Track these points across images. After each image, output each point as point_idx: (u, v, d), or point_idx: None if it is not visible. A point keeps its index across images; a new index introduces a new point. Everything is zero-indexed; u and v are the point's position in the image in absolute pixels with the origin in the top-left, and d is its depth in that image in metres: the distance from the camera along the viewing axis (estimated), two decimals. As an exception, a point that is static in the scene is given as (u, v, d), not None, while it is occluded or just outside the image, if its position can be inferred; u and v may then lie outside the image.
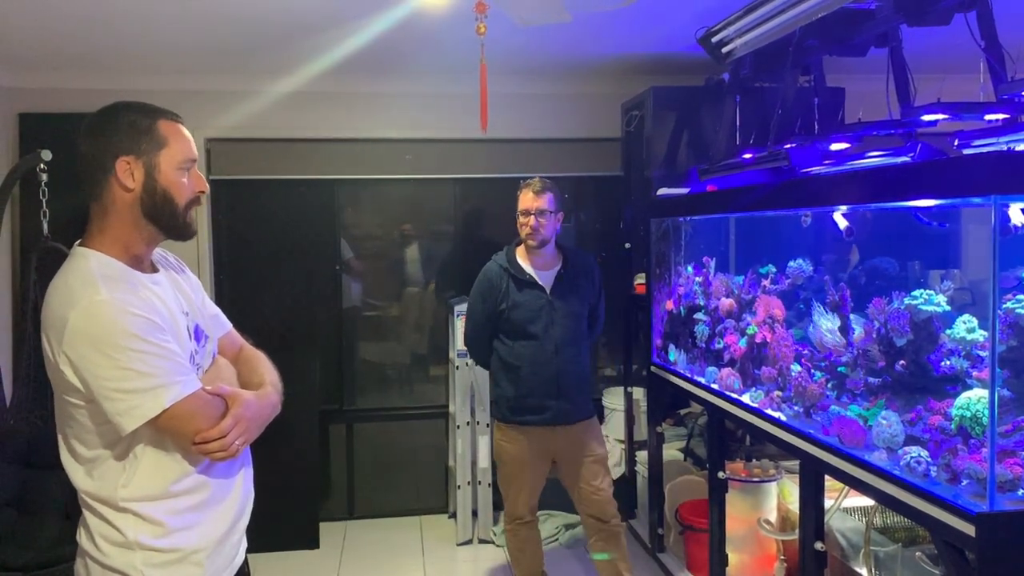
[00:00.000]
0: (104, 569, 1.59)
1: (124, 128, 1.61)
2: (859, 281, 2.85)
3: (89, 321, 1.50)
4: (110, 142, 1.60)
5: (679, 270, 3.94)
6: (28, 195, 4.05)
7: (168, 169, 1.63)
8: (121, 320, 1.51)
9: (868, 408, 2.47)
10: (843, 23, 2.86)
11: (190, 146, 1.68)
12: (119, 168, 1.59)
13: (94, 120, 1.63)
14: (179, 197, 1.65)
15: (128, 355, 1.50)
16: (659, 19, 3.41)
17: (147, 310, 1.56)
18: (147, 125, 1.62)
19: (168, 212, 1.64)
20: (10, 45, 3.69)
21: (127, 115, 1.63)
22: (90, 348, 1.50)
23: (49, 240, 3.55)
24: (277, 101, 4.47)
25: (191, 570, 1.63)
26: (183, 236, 1.70)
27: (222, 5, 3.11)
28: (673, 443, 4.32)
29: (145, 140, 1.61)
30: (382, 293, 5.09)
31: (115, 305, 1.51)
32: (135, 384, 1.51)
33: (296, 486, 4.40)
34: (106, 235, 1.63)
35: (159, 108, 1.67)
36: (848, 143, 2.74)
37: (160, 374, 1.53)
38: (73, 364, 1.51)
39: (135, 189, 1.61)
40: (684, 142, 4.15)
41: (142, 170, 1.61)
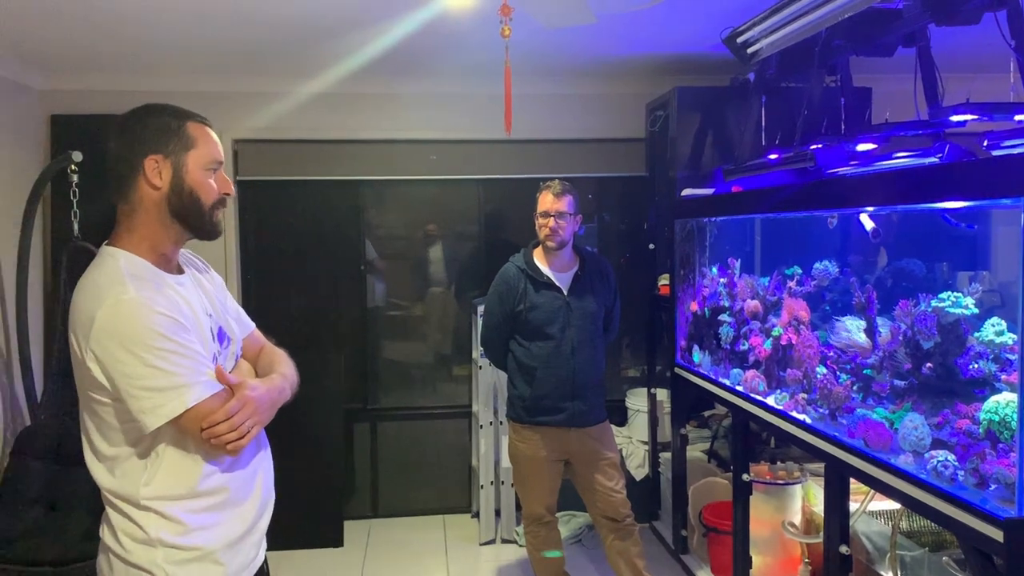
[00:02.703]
0: (127, 566, 1.62)
1: (153, 128, 1.63)
2: (885, 283, 2.82)
3: (116, 319, 1.52)
4: (139, 141, 1.62)
5: (704, 271, 3.92)
6: (59, 196, 4.12)
7: (195, 169, 1.66)
8: (147, 319, 1.53)
9: (894, 411, 2.45)
10: (870, 23, 2.83)
11: (217, 148, 1.71)
12: (147, 167, 1.62)
13: (124, 120, 1.65)
14: (205, 197, 1.67)
15: (154, 353, 1.52)
16: (684, 19, 3.40)
17: (173, 309, 1.58)
18: (176, 126, 1.65)
19: (195, 211, 1.67)
20: (42, 48, 3.75)
21: (157, 116, 1.65)
22: (117, 346, 1.52)
23: (79, 240, 3.62)
24: (303, 103, 4.51)
25: (212, 568, 1.65)
26: (209, 236, 1.73)
27: (250, 8, 3.14)
28: (697, 445, 4.31)
29: (174, 140, 1.64)
30: (406, 293, 5.12)
31: (142, 304, 1.54)
32: (160, 382, 1.53)
33: (321, 484, 4.43)
34: (134, 235, 1.65)
35: (188, 111, 1.70)
36: (875, 144, 2.72)
37: (184, 373, 1.55)
38: (100, 361, 1.53)
39: (163, 188, 1.64)
40: (709, 142, 4.13)
41: (170, 169, 1.63)
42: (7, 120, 3.97)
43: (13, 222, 3.83)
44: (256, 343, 1.97)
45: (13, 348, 3.87)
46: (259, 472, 1.80)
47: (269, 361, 1.91)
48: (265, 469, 1.84)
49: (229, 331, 1.83)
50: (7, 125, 3.97)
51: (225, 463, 1.68)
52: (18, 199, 3.83)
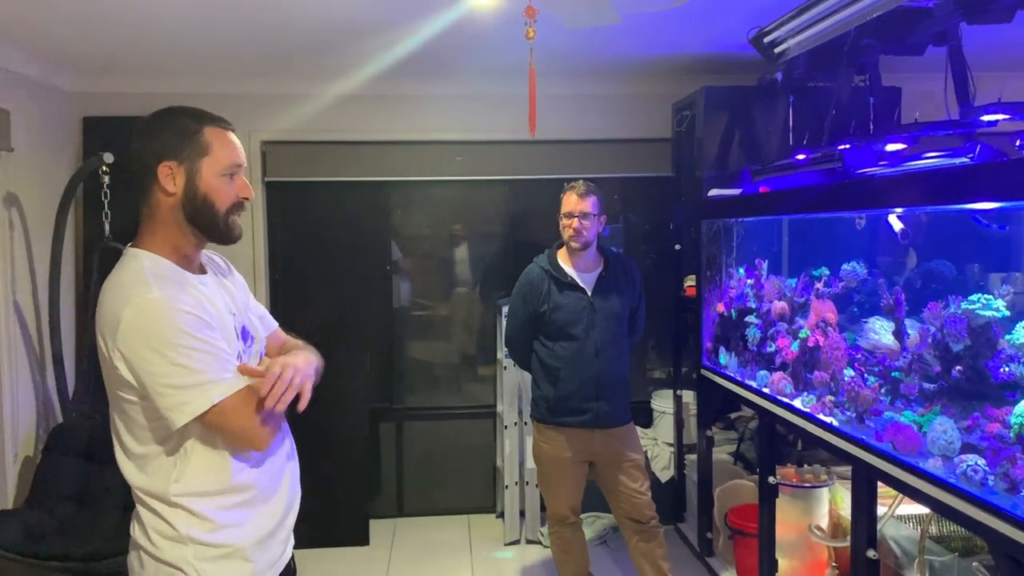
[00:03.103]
0: (157, 562, 1.64)
1: (169, 133, 1.65)
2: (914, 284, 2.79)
3: (141, 318, 1.54)
4: (154, 146, 1.64)
5: (730, 272, 3.90)
6: (91, 197, 4.18)
7: (209, 175, 1.66)
8: (172, 317, 1.55)
9: (923, 414, 2.42)
10: (900, 22, 2.80)
11: (235, 152, 1.70)
12: (161, 173, 1.64)
13: (143, 124, 1.67)
14: (219, 203, 1.68)
15: (179, 351, 1.54)
16: (710, 19, 3.38)
17: (197, 308, 1.60)
18: (193, 131, 1.65)
19: (209, 217, 1.67)
20: (75, 51, 3.81)
21: (174, 120, 1.67)
22: (142, 345, 1.54)
23: (110, 240, 3.68)
24: (330, 105, 4.54)
25: (240, 565, 1.67)
26: (225, 240, 1.73)
27: (278, 11, 3.16)
28: (723, 447, 4.28)
29: (188, 146, 1.64)
30: (431, 293, 5.14)
31: (166, 303, 1.56)
32: (185, 380, 1.55)
33: (346, 483, 4.46)
34: (155, 236, 1.68)
35: (208, 115, 1.70)
36: (904, 144, 2.68)
37: (209, 370, 1.57)
38: (127, 360, 1.56)
39: (176, 193, 1.65)
40: (736, 142, 4.10)
41: (184, 176, 1.65)
42: (41, 122, 4.04)
43: (46, 223, 3.89)
44: (278, 339, 2.00)
45: (46, 347, 3.94)
46: (286, 470, 1.82)
47: (292, 349, 1.93)
48: (291, 467, 1.86)
49: (253, 330, 1.85)
50: (41, 127, 4.04)
51: (252, 459, 1.70)
52: (51, 200, 3.89)
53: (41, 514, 3.43)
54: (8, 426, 3.66)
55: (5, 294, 3.66)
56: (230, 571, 1.66)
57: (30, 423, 3.88)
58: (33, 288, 3.94)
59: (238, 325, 1.77)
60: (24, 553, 3.17)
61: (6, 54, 3.63)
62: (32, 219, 3.90)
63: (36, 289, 3.96)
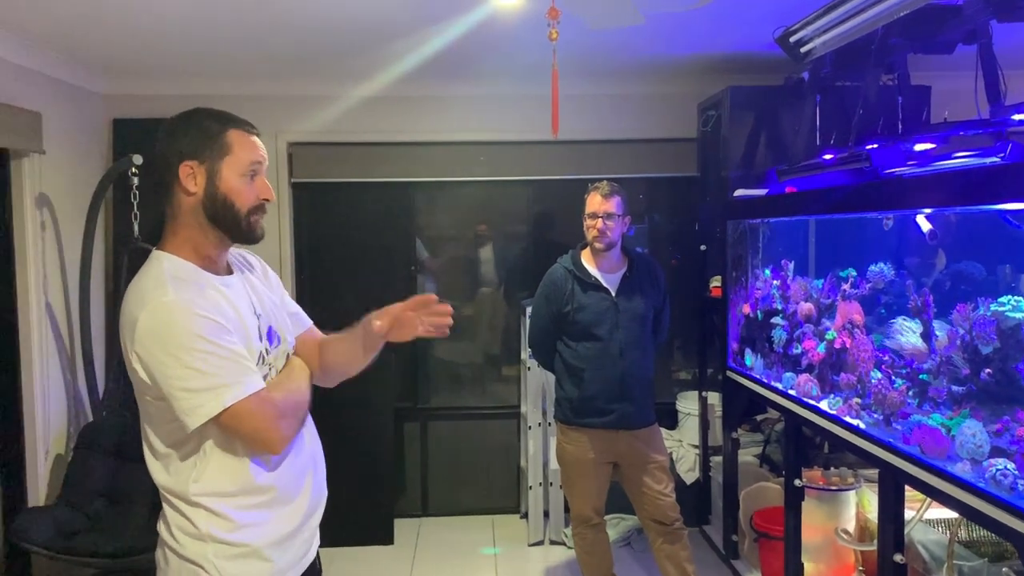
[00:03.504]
0: (180, 559, 1.66)
1: (191, 133, 1.66)
2: (943, 286, 2.76)
3: (157, 321, 1.56)
4: (177, 146, 1.66)
5: (756, 273, 3.87)
6: (120, 198, 4.24)
7: (230, 176, 1.67)
8: (187, 321, 1.56)
9: (951, 417, 2.39)
10: (928, 20, 2.77)
11: (256, 153, 1.71)
12: (182, 172, 1.65)
13: (167, 124, 1.69)
14: (240, 203, 1.69)
15: (192, 355, 1.55)
16: (735, 19, 3.36)
17: (213, 311, 1.60)
18: (215, 132, 1.67)
19: (230, 217, 1.68)
20: (105, 54, 3.87)
21: (197, 121, 1.68)
22: (158, 347, 1.56)
23: (139, 240, 3.73)
24: (356, 106, 4.57)
25: (260, 564, 1.68)
26: (247, 240, 1.74)
27: (305, 15, 3.19)
28: (748, 449, 4.25)
29: (210, 146, 1.66)
30: (456, 293, 5.15)
31: (181, 306, 1.57)
32: (198, 383, 1.56)
33: (371, 483, 4.49)
34: (177, 238, 1.69)
35: (232, 117, 1.71)
36: (933, 143, 2.65)
37: (222, 374, 1.57)
38: (143, 362, 1.58)
39: (197, 193, 1.66)
40: (762, 142, 4.08)
41: (204, 175, 1.66)
42: (72, 125, 4.10)
43: (77, 224, 3.95)
44: (313, 337, 2.01)
45: (76, 346, 4.00)
46: (308, 471, 1.82)
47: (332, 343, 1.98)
48: (315, 468, 1.86)
49: (280, 330, 1.85)
50: (72, 130, 4.10)
51: (272, 462, 1.71)
52: (82, 201, 3.95)
53: (72, 511, 3.48)
54: (40, 424, 3.72)
55: (37, 294, 3.72)
56: (249, 570, 1.67)
57: (61, 421, 3.94)
58: (64, 288, 4.00)
59: (264, 326, 1.78)
60: (56, 549, 3.22)
61: (38, 58, 3.70)
62: (63, 220, 3.96)
63: (67, 289, 4.02)
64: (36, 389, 3.70)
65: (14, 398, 3.66)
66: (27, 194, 3.68)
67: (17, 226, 3.66)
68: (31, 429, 3.69)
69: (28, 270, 3.68)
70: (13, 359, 3.66)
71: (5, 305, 3.65)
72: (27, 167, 3.67)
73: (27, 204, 3.68)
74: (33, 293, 3.70)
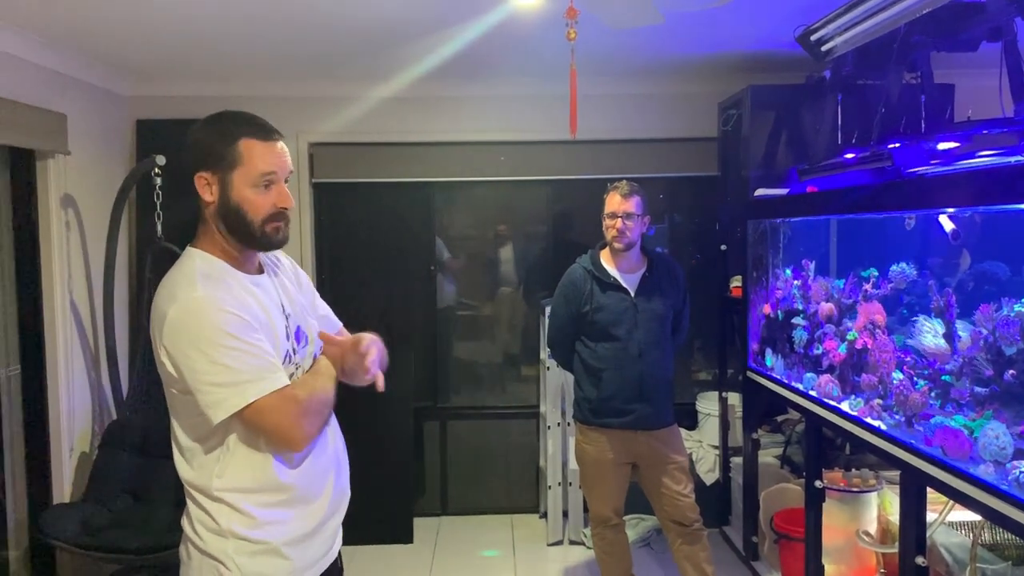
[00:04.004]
0: (201, 554, 1.69)
1: (205, 144, 1.68)
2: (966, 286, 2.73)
3: (185, 316, 1.59)
4: (192, 156, 1.68)
5: (777, 273, 3.85)
6: (143, 198, 4.28)
7: (241, 186, 1.67)
8: (214, 317, 1.59)
9: (974, 419, 2.37)
10: (952, 18, 2.74)
11: (270, 163, 1.68)
12: (198, 183, 1.69)
13: (190, 132, 1.71)
14: (252, 213, 1.68)
15: (219, 350, 1.58)
16: (755, 17, 3.35)
17: (240, 308, 1.63)
18: (228, 142, 1.67)
19: (243, 226, 1.69)
20: (129, 56, 3.91)
21: (214, 129, 1.69)
22: (185, 342, 1.58)
23: (162, 240, 3.76)
24: (376, 106, 4.59)
25: (279, 562, 1.70)
26: (265, 248, 1.76)
27: (326, 16, 3.21)
28: (769, 450, 4.23)
29: (221, 157, 1.66)
30: (476, 293, 5.16)
31: (209, 302, 1.60)
32: (224, 378, 1.58)
33: (391, 481, 4.50)
34: (207, 237, 1.73)
35: (251, 124, 1.70)
36: (957, 142, 2.62)
37: (247, 370, 1.60)
38: (171, 357, 1.60)
39: (213, 202, 1.69)
40: (783, 142, 4.05)
41: (218, 185, 1.68)
42: (96, 126, 4.15)
43: (101, 224, 4.00)
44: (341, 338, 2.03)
45: (101, 345, 4.04)
46: (330, 471, 1.83)
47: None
48: (338, 469, 1.87)
49: (308, 331, 1.87)
50: (96, 131, 4.15)
51: (294, 460, 1.72)
52: (106, 202, 4.00)
53: (97, 508, 3.53)
54: (65, 422, 3.77)
55: (62, 293, 3.77)
56: (268, 567, 1.69)
57: (86, 419, 3.99)
58: (89, 287, 4.05)
59: (292, 326, 1.80)
60: (81, 545, 3.26)
61: (63, 60, 3.74)
62: (88, 220, 4.01)
63: (91, 288, 4.07)
64: (61, 387, 3.75)
65: (40, 396, 3.71)
66: (52, 194, 3.73)
67: (43, 226, 3.71)
68: (56, 427, 3.74)
69: (53, 269, 3.73)
70: (39, 357, 3.71)
71: (31, 304, 3.70)
72: (52, 168, 3.72)
73: (52, 204, 3.73)
74: (58, 292, 3.75)
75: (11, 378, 3.67)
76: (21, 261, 3.69)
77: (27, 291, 3.70)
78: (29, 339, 3.71)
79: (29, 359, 3.71)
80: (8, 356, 3.67)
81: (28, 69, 3.53)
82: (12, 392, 3.68)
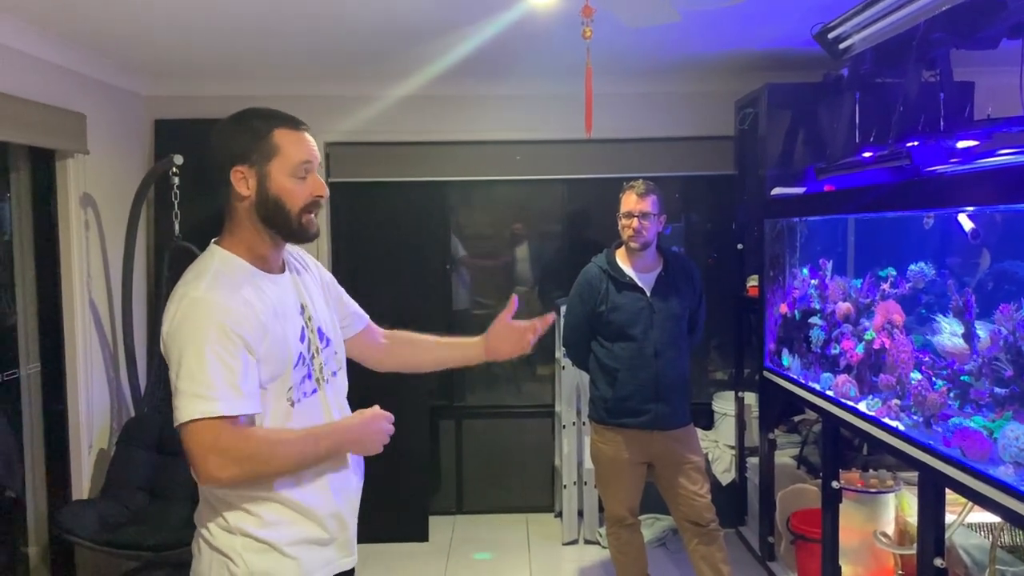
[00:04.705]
0: (212, 550, 1.70)
1: (239, 137, 1.68)
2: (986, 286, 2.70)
3: (180, 314, 1.60)
4: (226, 151, 1.68)
5: (794, 272, 3.83)
6: (161, 197, 4.31)
7: (279, 177, 1.69)
8: (202, 321, 1.58)
9: (994, 420, 2.35)
10: (972, 14, 2.70)
11: (306, 151, 1.71)
12: (234, 177, 1.68)
13: (218, 128, 1.72)
14: (291, 204, 1.70)
15: (192, 357, 1.56)
16: (773, 15, 3.33)
17: (234, 317, 1.60)
18: (262, 134, 1.68)
19: (282, 218, 1.70)
20: (147, 56, 3.94)
21: (245, 123, 1.70)
22: (174, 338, 1.60)
23: (180, 239, 3.79)
24: (392, 106, 4.60)
25: (286, 562, 1.70)
26: (299, 239, 1.77)
27: (342, 16, 3.22)
28: (785, 450, 4.20)
29: (258, 149, 1.67)
30: (491, 292, 5.17)
31: (203, 305, 1.59)
32: (186, 386, 1.56)
33: (407, 480, 4.51)
34: (233, 236, 1.73)
35: (279, 115, 1.73)
36: (976, 140, 2.60)
37: (209, 384, 1.55)
38: (167, 350, 1.62)
39: (250, 196, 1.69)
40: (800, 140, 4.03)
41: (255, 178, 1.68)
42: (115, 125, 4.19)
43: (119, 223, 4.03)
44: (374, 336, 2.18)
45: (119, 343, 4.07)
46: (340, 489, 1.81)
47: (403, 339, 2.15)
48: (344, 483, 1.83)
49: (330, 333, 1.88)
50: (115, 130, 4.18)
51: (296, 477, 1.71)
52: (124, 201, 4.03)
53: (115, 504, 3.56)
54: (84, 419, 3.80)
55: (81, 292, 3.81)
56: (275, 566, 1.69)
57: (104, 417, 4.02)
58: (107, 286, 4.08)
59: (313, 327, 1.80)
60: (99, 541, 3.29)
61: (83, 61, 3.78)
62: (106, 219, 4.04)
63: (110, 287, 4.10)
64: (80, 385, 3.78)
65: (60, 394, 3.75)
66: (72, 194, 3.76)
67: (63, 225, 3.75)
68: (76, 424, 3.77)
69: (73, 268, 3.76)
70: (59, 356, 3.74)
71: (51, 303, 3.73)
72: (72, 168, 3.75)
73: (72, 203, 3.76)
74: (78, 291, 3.78)
75: (31, 376, 3.71)
76: (41, 260, 3.73)
77: (47, 290, 3.73)
78: (49, 337, 3.74)
79: (49, 357, 3.75)
80: (28, 354, 3.71)
81: (48, 70, 3.57)
82: (32, 390, 3.72)
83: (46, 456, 3.75)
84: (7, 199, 3.63)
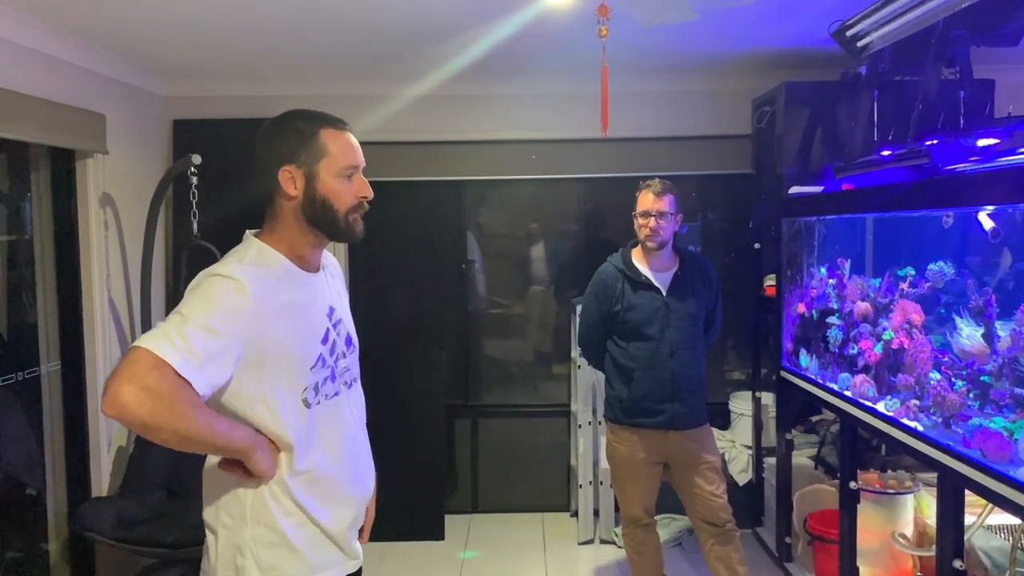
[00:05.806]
0: (223, 542, 1.72)
1: (287, 138, 1.70)
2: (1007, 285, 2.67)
3: (204, 284, 1.59)
4: (274, 151, 1.70)
5: (811, 272, 3.80)
6: (180, 197, 4.34)
7: (327, 178, 1.70)
8: (215, 296, 1.57)
9: (1014, 421, 2.32)
10: (992, 11, 2.68)
11: (352, 154, 1.74)
12: (281, 177, 1.69)
13: (265, 128, 1.73)
14: (338, 204, 1.72)
15: (188, 313, 1.53)
16: (790, 13, 3.31)
17: (246, 306, 1.58)
18: (309, 134, 1.70)
19: (329, 219, 1.72)
20: (166, 56, 3.97)
21: (291, 124, 1.71)
22: (186, 297, 1.58)
23: (198, 239, 3.81)
24: (408, 106, 4.60)
25: (293, 556, 1.71)
26: (347, 239, 1.79)
27: (359, 15, 3.23)
28: (803, 450, 4.18)
29: (306, 150, 1.69)
30: (507, 291, 5.17)
31: (224, 284, 1.58)
32: (166, 326, 1.52)
33: (422, 479, 4.53)
34: (275, 233, 1.74)
35: (324, 116, 1.74)
36: (997, 139, 2.57)
37: (182, 336, 1.49)
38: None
39: (297, 196, 1.70)
40: (818, 139, 4.00)
41: (303, 179, 1.70)
42: (134, 125, 4.22)
43: (138, 222, 4.06)
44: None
45: (138, 341, 4.10)
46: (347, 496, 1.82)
47: None
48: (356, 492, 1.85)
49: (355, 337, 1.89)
50: (134, 130, 4.21)
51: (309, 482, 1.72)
52: (143, 201, 4.06)
53: (133, 502, 3.58)
54: (103, 418, 3.83)
55: (100, 291, 3.84)
56: (283, 560, 1.70)
57: (123, 414, 4.04)
58: (126, 285, 4.11)
59: (342, 332, 1.81)
60: (118, 538, 3.31)
61: (103, 61, 3.81)
62: (125, 218, 4.08)
63: (129, 286, 4.13)
64: (100, 383, 3.81)
65: (79, 392, 3.78)
66: (91, 193, 3.79)
67: (82, 225, 3.78)
68: (95, 422, 3.81)
69: (92, 267, 3.80)
70: (79, 354, 3.78)
71: (71, 301, 3.77)
72: (91, 167, 3.79)
73: (91, 203, 3.80)
74: (97, 290, 3.81)
75: (51, 374, 3.75)
76: (61, 259, 3.76)
77: (67, 289, 3.77)
78: (69, 336, 3.78)
79: (69, 356, 3.78)
80: (48, 353, 3.74)
81: (68, 70, 3.60)
82: (52, 388, 3.76)
83: (66, 454, 3.79)
84: (28, 199, 3.67)
